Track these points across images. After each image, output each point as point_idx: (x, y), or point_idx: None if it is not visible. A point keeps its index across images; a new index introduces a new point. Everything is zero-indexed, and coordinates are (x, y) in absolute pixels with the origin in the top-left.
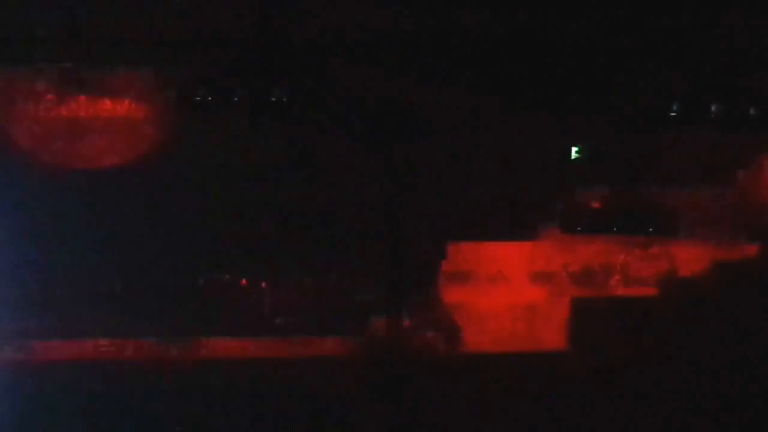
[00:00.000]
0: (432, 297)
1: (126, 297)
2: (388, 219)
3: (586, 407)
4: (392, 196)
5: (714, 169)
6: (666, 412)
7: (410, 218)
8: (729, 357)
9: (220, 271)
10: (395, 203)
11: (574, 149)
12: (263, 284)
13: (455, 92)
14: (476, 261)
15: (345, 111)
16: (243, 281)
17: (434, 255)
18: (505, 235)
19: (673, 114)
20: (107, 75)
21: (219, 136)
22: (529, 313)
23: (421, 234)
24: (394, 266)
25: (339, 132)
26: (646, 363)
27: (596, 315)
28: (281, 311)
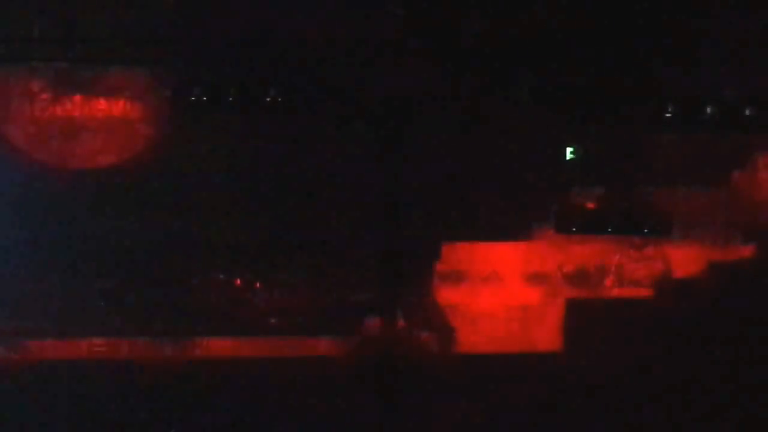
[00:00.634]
0: (426, 297)
1: (120, 296)
2: (382, 219)
3: (581, 408)
4: (386, 196)
5: (709, 170)
6: (661, 414)
7: (404, 218)
8: (725, 358)
9: (214, 271)
10: (389, 203)
11: (569, 149)
12: (257, 284)
13: (450, 91)
14: (470, 261)
15: (340, 110)
16: (237, 281)
17: (428, 255)
18: (499, 236)
19: (669, 114)
20: (102, 74)
21: (214, 136)
22: (523, 314)
23: (415, 234)
24: (389, 266)
25: (333, 132)
26: (641, 364)
27: (590, 316)
28: (275, 311)
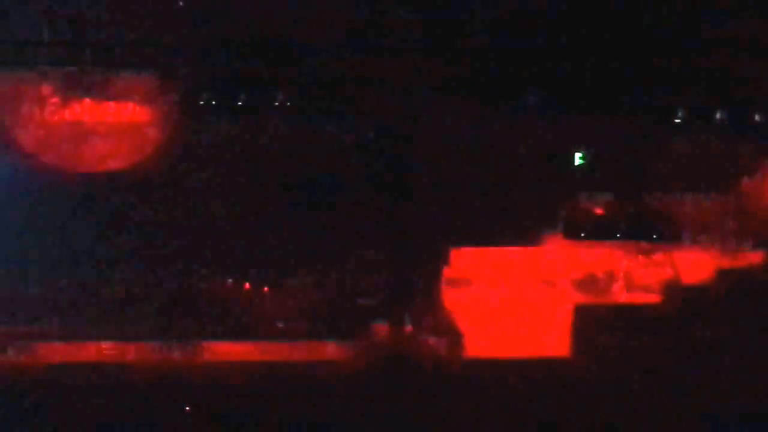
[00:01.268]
0: (434, 302)
1: (129, 300)
2: (391, 223)
3: (588, 414)
4: (395, 200)
5: (718, 176)
6: (669, 419)
7: (413, 222)
8: (732, 364)
9: (223, 275)
10: (398, 207)
11: (578, 155)
12: (265, 288)
13: (459, 95)
14: (478, 266)
15: (348, 115)
16: (245, 285)
17: (436, 260)
18: (508, 240)
19: (678, 120)
20: (111, 78)
21: (222, 140)
22: (531, 319)
23: (424, 238)
24: (397, 270)
25: (342, 136)
26: (649, 370)
27: (598, 321)
28: (283, 315)
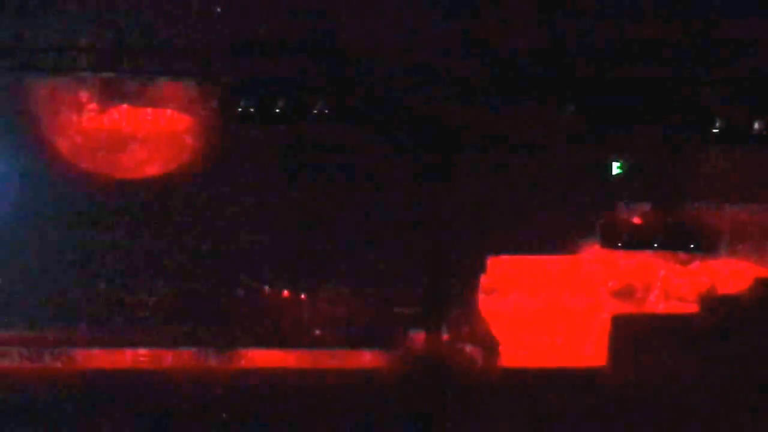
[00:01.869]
0: (471, 310)
1: (166, 307)
2: (428, 232)
3: (625, 424)
4: (432, 209)
5: (755, 186)
6: (706, 429)
7: (450, 231)
8: None
9: (260, 282)
10: (435, 216)
11: (616, 164)
12: (303, 296)
13: (497, 104)
14: (516, 275)
15: (386, 122)
16: (283, 292)
17: (473, 268)
18: (545, 249)
19: (715, 130)
20: (150, 86)
21: (260, 147)
22: (568, 328)
23: (461, 247)
24: (434, 279)
25: (379, 144)
26: (686, 380)
27: (636, 330)
28: (320, 323)
